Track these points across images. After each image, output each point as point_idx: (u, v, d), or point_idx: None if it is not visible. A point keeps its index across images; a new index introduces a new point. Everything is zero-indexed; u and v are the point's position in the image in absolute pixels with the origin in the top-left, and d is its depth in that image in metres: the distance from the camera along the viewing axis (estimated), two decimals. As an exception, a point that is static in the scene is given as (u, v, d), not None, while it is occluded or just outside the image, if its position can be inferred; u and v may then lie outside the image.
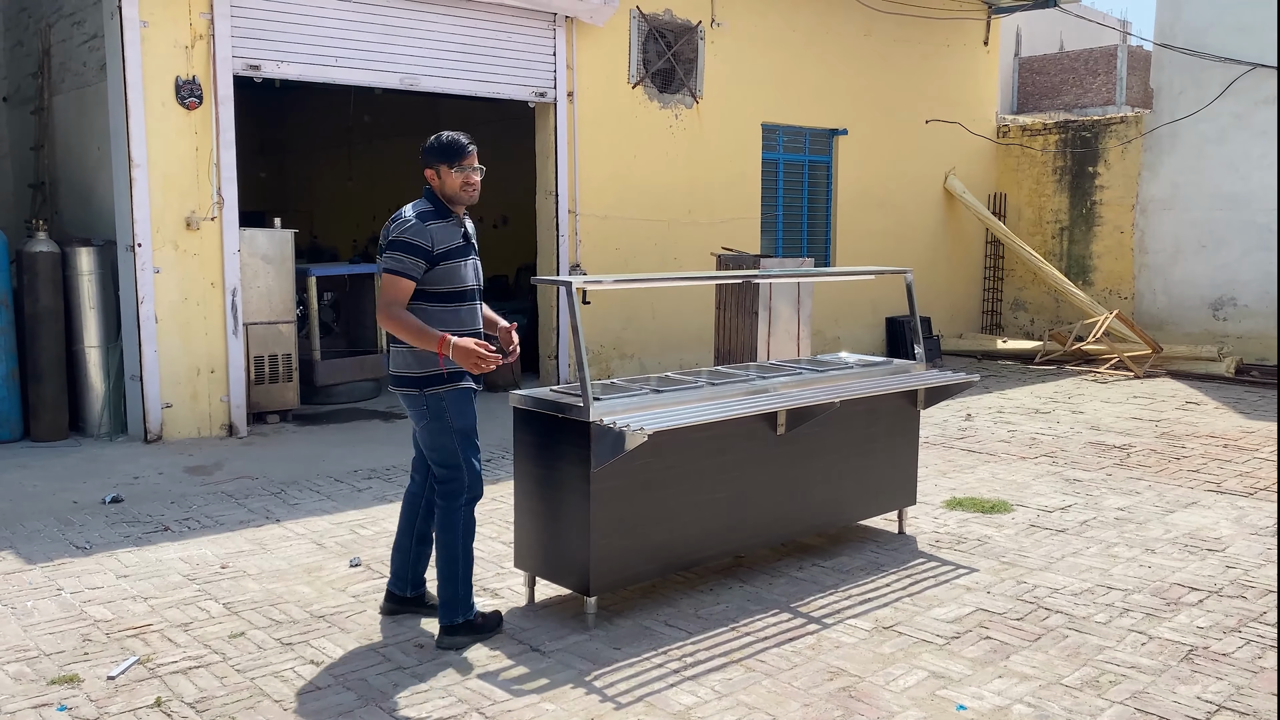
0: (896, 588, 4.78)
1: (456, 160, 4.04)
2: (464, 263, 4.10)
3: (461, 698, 3.65)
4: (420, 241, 3.95)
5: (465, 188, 4.07)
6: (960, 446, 7.92)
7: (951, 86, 13.78)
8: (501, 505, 6.03)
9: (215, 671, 3.86)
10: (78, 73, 8.72)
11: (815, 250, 12.67)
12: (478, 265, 4.22)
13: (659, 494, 4.39)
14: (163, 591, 4.70)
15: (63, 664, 3.92)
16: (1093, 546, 5.40)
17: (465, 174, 4.06)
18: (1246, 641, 4.16)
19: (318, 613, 4.45)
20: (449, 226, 4.06)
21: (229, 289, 8.18)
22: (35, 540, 5.46)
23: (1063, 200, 14.20)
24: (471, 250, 4.15)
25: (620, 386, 4.67)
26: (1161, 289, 13.27)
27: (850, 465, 5.24)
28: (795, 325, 8.78)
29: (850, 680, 3.80)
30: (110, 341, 8.14)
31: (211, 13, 7.92)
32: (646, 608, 4.48)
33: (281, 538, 5.53)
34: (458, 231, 4.08)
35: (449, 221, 4.08)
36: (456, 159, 4.04)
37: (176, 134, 7.89)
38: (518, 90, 9.76)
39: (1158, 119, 13.15)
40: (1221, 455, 7.60)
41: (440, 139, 4.08)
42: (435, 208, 4.07)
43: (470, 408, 4.13)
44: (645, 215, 10.76)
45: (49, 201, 9.51)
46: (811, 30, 12.03)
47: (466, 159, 4.05)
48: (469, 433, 4.12)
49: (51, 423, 7.98)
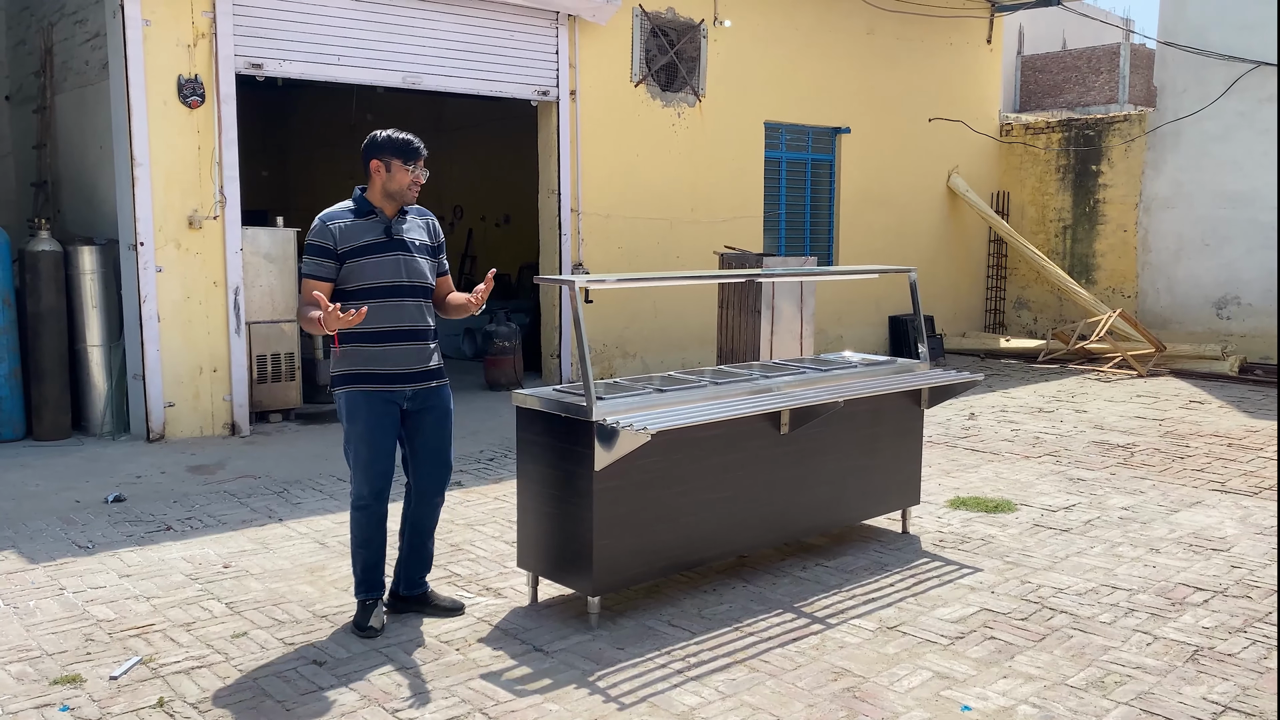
0: (900, 588, 4.76)
1: (412, 159, 4.12)
2: (379, 259, 4.05)
3: (465, 698, 3.64)
4: (320, 241, 4.02)
5: (412, 186, 4.13)
6: (964, 446, 7.90)
7: (954, 85, 13.75)
8: (504, 505, 6.02)
9: (218, 672, 3.85)
10: (80, 71, 8.71)
11: (818, 249, 12.66)
12: (410, 261, 4.11)
13: (662, 493, 4.37)
14: (165, 591, 4.70)
15: (65, 664, 3.91)
16: (1097, 546, 5.38)
17: (415, 174, 4.13)
18: (1252, 642, 4.14)
19: (320, 612, 4.44)
20: (363, 224, 4.07)
21: (231, 288, 8.17)
22: (38, 539, 5.46)
23: (1066, 199, 14.18)
24: (398, 247, 4.09)
25: (623, 386, 4.66)
26: (1165, 287, 13.24)
27: (854, 465, 5.22)
28: (798, 324, 8.77)
29: (855, 681, 3.79)
30: (112, 340, 8.13)
31: (214, 11, 7.91)
32: (650, 608, 4.47)
33: (284, 537, 5.53)
34: (376, 228, 4.08)
35: (367, 218, 4.09)
36: (412, 158, 4.12)
37: (179, 133, 7.88)
38: (520, 89, 9.75)
39: (1161, 117, 13.12)
40: (1225, 454, 7.59)
41: (395, 135, 4.12)
42: (355, 206, 4.11)
43: (362, 410, 4.06)
44: (648, 214, 10.75)
45: (51, 200, 9.51)
46: (814, 28, 12.01)
47: (419, 159, 4.14)
48: (357, 436, 4.09)
49: (54, 422, 7.98)
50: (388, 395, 4.08)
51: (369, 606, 4.22)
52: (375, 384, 4.06)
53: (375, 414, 4.07)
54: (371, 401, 4.06)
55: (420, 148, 4.15)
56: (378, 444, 4.10)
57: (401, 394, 4.11)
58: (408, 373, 4.11)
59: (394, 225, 4.12)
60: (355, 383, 4.07)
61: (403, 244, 4.11)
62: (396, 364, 4.08)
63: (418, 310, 4.13)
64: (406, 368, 4.10)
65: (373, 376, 4.06)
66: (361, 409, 4.07)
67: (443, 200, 18.06)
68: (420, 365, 4.14)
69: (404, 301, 4.09)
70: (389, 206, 4.12)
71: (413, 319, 4.11)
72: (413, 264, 4.12)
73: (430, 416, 4.21)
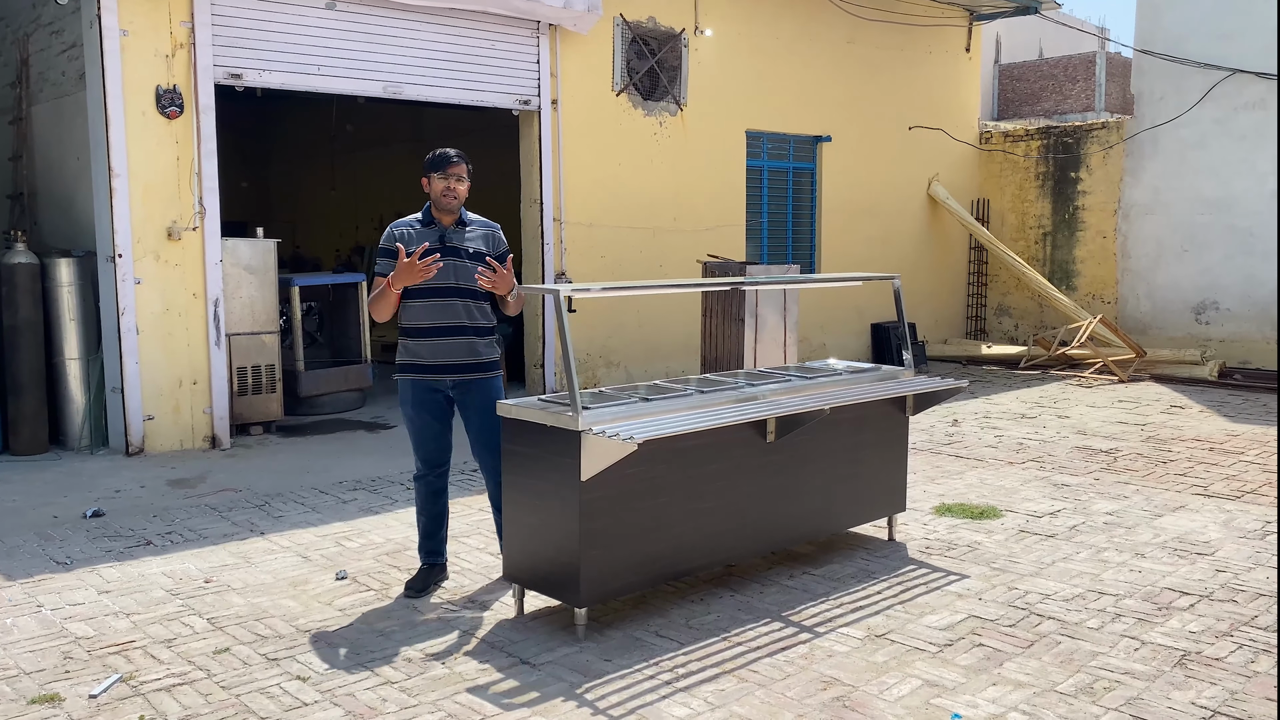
0: (888, 595, 4.75)
1: (440, 168, 4.57)
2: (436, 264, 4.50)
3: (451, 712, 3.59)
4: (388, 245, 4.55)
5: (445, 194, 4.56)
6: (948, 452, 7.91)
7: (934, 93, 13.83)
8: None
9: (200, 689, 3.79)
10: (56, 82, 8.63)
11: (800, 257, 12.68)
12: (460, 266, 4.57)
13: (649, 503, 4.35)
14: (145, 607, 4.63)
15: (43, 682, 3.84)
16: (1083, 551, 5.39)
17: (447, 181, 4.55)
18: (1239, 646, 4.15)
19: (304, 627, 4.39)
20: (425, 232, 4.59)
21: (211, 300, 8.10)
22: (14, 556, 5.38)
23: (1045, 206, 14.27)
24: (450, 253, 4.55)
25: (609, 395, 4.64)
26: (1144, 293, 13.33)
27: (840, 472, 5.21)
28: (782, 332, 8.77)
29: (844, 690, 3.77)
30: (91, 353, 8.05)
31: (192, 21, 7.86)
32: (637, 619, 4.44)
33: (266, 551, 5.47)
34: (433, 236, 4.57)
35: (428, 228, 4.61)
36: (439, 167, 4.57)
37: (157, 144, 7.82)
38: (502, 98, 9.73)
39: (1139, 124, 13.23)
40: (1207, 459, 7.63)
41: (433, 152, 4.61)
42: (422, 217, 4.65)
43: (409, 395, 4.65)
44: (630, 223, 10.74)
45: (28, 212, 9.41)
46: (795, 38, 12.05)
47: (449, 168, 4.56)
48: (407, 418, 4.72)
49: (31, 436, 7.88)
50: (431, 383, 4.63)
51: (422, 571, 4.82)
52: (420, 373, 4.62)
53: (419, 399, 4.64)
54: (416, 388, 4.63)
55: (449, 156, 4.58)
56: (423, 425, 4.68)
57: (444, 383, 4.63)
58: (450, 364, 4.61)
59: (449, 234, 4.61)
60: (405, 371, 4.66)
61: (456, 250, 4.59)
62: (441, 356, 4.59)
63: (465, 309, 4.61)
64: (450, 360, 4.60)
65: (419, 366, 4.62)
66: (408, 394, 4.67)
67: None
68: (463, 358, 4.62)
69: (452, 301, 4.58)
70: (445, 217, 4.63)
71: (459, 317, 4.60)
72: (463, 269, 4.58)
73: (474, 405, 4.67)
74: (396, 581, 4.95)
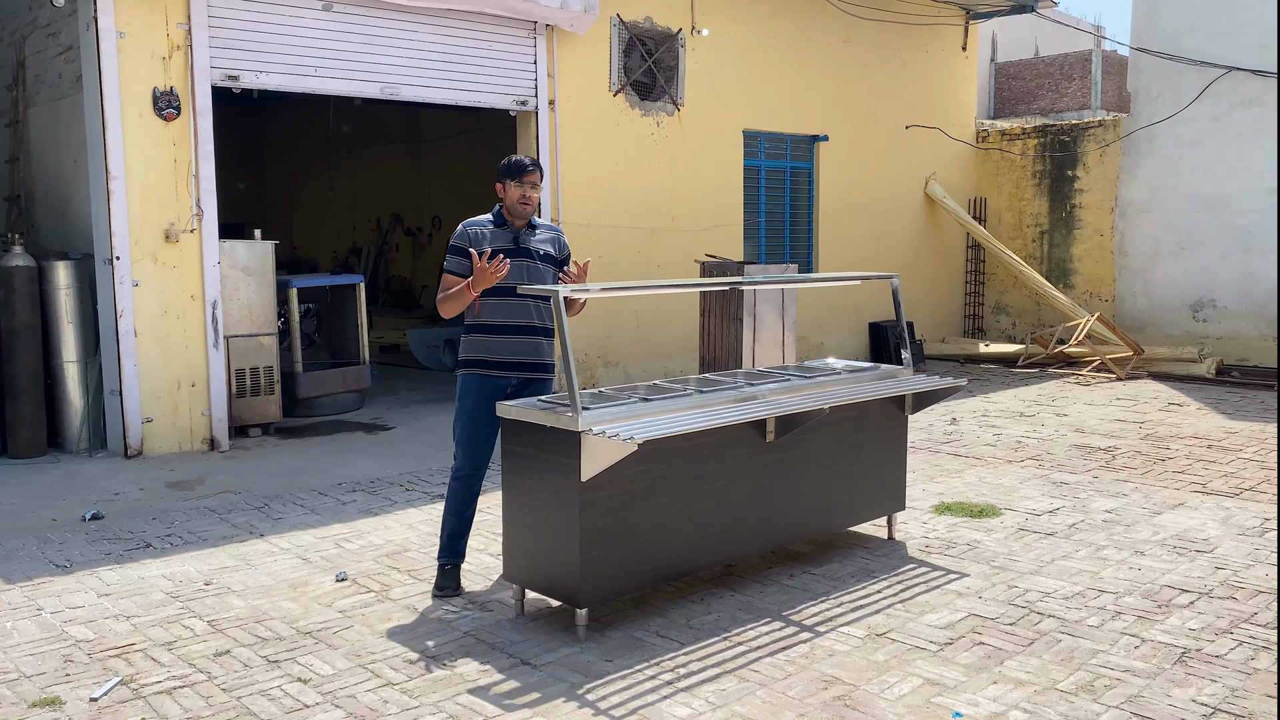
0: (888, 594, 4.75)
1: (516, 176, 4.69)
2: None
3: (452, 714, 3.59)
4: (459, 243, 4.70)
5: (521, 200, 4.70)
6: (946, 451, 7.92)
7: (931, 92, 13.84)
8: (489, 516, 5.97)
9: (200, 691, 3.79)
10: (53, 85, 8.62)
11: (798, 256, 12.69)
12: (532, 268, 4.70)
13: (649, 503, 4.35)
14: (145, 610, 4.63)
15: (44, 686, 3.84)
16: (1082, 549, 5.39)
17: (523, 189, 4.68)
18: (1239, 643, 4.15)
19: (304, 629, 4.39)
20: (498, 233, 4.72)
21: (209, 301, 8.09)
22: (14, 559, 5.37)
23: (1042, 204, 14.28)
24: (523, 254, 4.69)
25: (608, 395, 4.64)
26: (1142, 291, 13.35)
27: (839, 471, 5.21)
28: (780, 332, 8.77)
29: (845, 689, 3.77)
30: (89, 356, 8.04)
31: (189, 23, 7.86)
32: (638, 619, 4.44)
33: (266, 553, 5.46)
34: (507, 237, 4.71)
35: (501, 229, 4.74)
36: (516, 175, 4.69)
37: (154, 145, 7.81)
38: (499, 99, 9.72)
39: (1135, 123, 13.24)
40: (1206, 456, 7.64)
41: (509, 159, 4.74)
42: (494, 219, 4.77)
43: (472, 390, 4.67)
44: (628, 223, 10.74)
45: (25, 215, 9.40)
46: (792, 37, 12.05)
47: (525, 175, 4.69)
48: (465, 414, 4.69)
49: (29, 439, 7.87)
50: (497, 380, 4.68)
51: (447, 570, 4.79)
52: (487, 369, 4.68)
53: (483, 395, 4.66)
54: (482, 384, 4.68)
55: (526, 165, 4.69)
56: (480, 423, 4.66)
57: (508, 380, 4.69)
58: (517, 362, 4.69)
59: (522, 236, 4.74)
60: (471, 366, 4.71)
61: (528, 252, 4.72)
62: (509, 354, 4.67)
63: (535, 310, 4.71)
64: (517, 358, 4.69)
65: (487, 363, 4.69)
66: (472, 389, 4.69)
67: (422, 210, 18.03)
68: (529, 357, 4.71)
69: (524, 301, 4.67)
70: (517, 221, 4.75)
71: (529, 316, 4.69)
72: (534, 270, 4.72)
73: None
74: (396, 583, 4.95)
